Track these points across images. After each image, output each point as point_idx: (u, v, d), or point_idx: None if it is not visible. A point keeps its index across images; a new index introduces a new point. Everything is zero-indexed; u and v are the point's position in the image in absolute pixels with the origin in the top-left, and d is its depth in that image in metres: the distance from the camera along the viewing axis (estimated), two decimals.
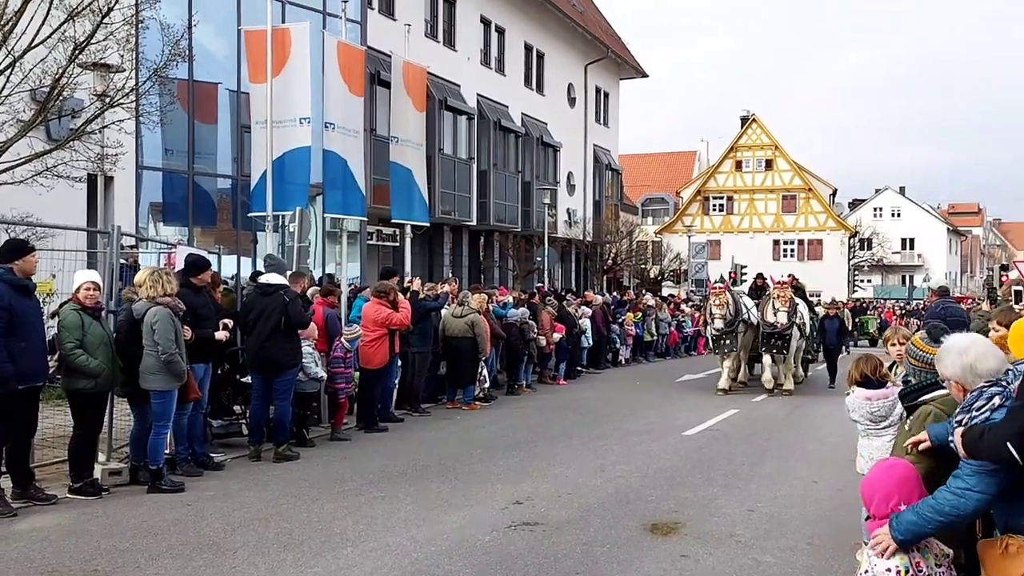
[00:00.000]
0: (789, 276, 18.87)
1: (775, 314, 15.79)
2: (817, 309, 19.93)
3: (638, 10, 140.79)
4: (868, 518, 4.28)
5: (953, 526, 3.04)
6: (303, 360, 9.67)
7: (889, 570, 3.20)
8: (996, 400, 3.00)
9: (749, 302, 16.94)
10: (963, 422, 3.10)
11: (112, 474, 7.86)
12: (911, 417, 3.92)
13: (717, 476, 8.81)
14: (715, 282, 17.53)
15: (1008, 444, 2.81)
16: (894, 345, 5.79)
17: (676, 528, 6.80)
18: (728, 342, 16.12)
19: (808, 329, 17.18)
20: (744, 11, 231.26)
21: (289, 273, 10.26)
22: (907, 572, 3.19)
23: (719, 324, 15.75)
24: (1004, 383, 3.04)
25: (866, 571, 3.30)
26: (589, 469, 9.02)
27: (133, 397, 8.02)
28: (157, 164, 18.50)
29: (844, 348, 22.33)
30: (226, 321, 8.99)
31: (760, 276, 19.63)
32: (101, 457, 7.99)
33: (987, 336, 6.58)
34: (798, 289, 18.18)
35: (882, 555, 3.20)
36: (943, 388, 3.81)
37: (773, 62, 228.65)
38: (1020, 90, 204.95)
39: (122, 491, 7.71)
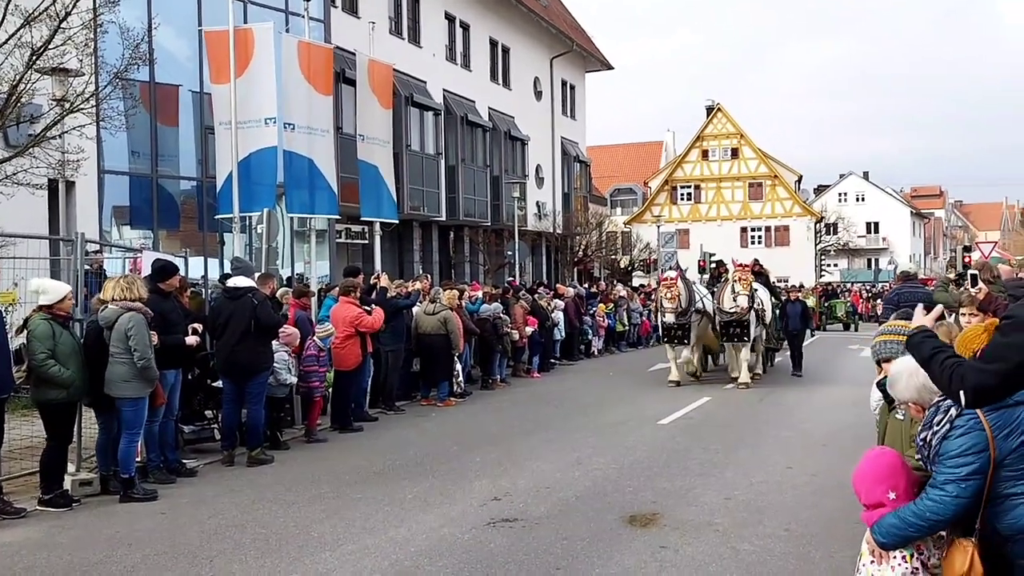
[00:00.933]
0: (753, 261, 18.30)
1: (735, 299, 15.01)
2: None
3: (603, 3, 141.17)
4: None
5: (934, 530, 3.15)
6: (275, 366, 9.58)
7: (895, 556, 3.26)
8: (952, 411, 3.10)
9: (703, 290, 16.33)
10: (926, 439, 3.20)
11: (82, 484, 7.73)
12: (902, 407, 3.92)
13: (693, 465, 8.87)
14: (666, 272, 16.42)
15: (961, 393, 2.92)
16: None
17: (654, 519, 6.83)
18: (680, 334, 15.55)
19: (768, 316, 16.62)
20: (706, 5, 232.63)
21: (257, 275, 10.16)
22: (912, 556, 3.25)
23: (670, 317, 15.04)
24: None
25: (872, 561, 3.35)
26: (566, 462, 9.04)
27: (98, 406, 7.89)
28: (119, 168, 18.21)
29: (809, 333, 21.69)
30: (195, 326, 8.89)
31: (720, 263, 18.86)
32: (71, 467, 7.86)
33: (954, 318, 6.67)
34: (761, 275, 17.68)
35: (875, 558, 3.28)
36: None
37: (736, 54, 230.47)
38: (974, 80, 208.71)
39: (93, 501, 7.59)
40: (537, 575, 5.62)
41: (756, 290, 15.83)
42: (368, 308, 11.46)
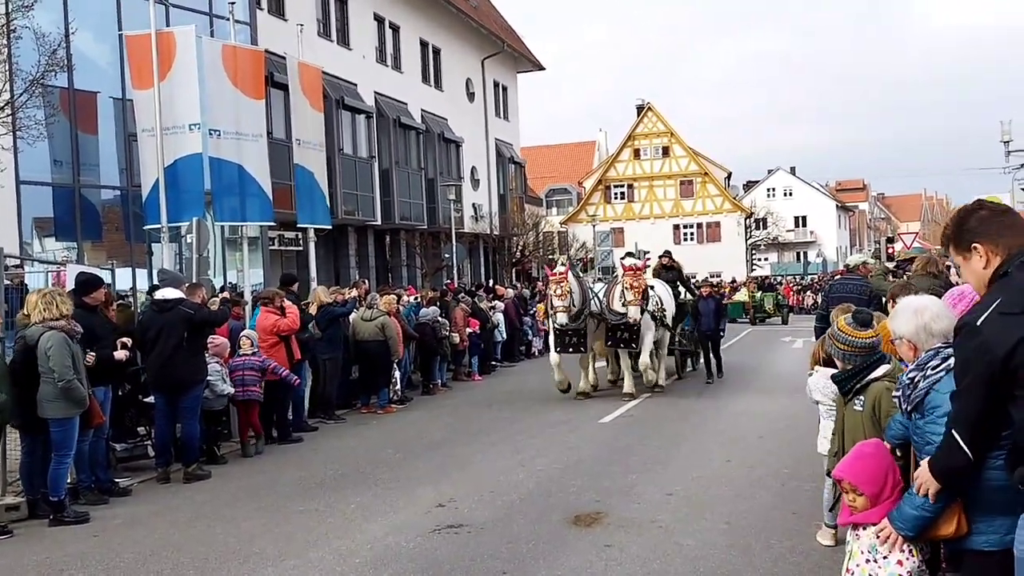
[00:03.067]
0: (664, 255, 16.50)
1: (624, 305, 13.07)
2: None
3: (532, 2, 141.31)
4: (836, 501, 4.30)
5: (948, 504, 3.03)
6: (209, 377, 9.35)
7: (903, 551, 3.20)
8: (952, 360, 3.05)
9: (599, 287, 14.36)
10: (914, 379, 3.15)
11: (9, 509, 7.43)
12: (860, 398, 3.97)
13: (635, 463, 8.95)
14: (555, 267, 13.41)
15: (954, 432, 2.85)
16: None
17: (599, 518, 6.87)
18: (575, 340, 13.53)
19: (669, 317, 14.50)
20: (636, 3, 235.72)
21: (186, 285, 9.90)
22: (920, 549, 3.21)
23: (562, 318, 12.87)
24: None
25: (868, 560, 3.29)
26: (510, 465, 9.03)
27: (25, 427, 7.59)
28: (40, 178, 17.59)
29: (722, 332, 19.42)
30: (124, 340, 8.62)
31: (667, 254, 16.74)
32: None
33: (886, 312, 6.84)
34: (672, 268, 16.04)
35: (885, 544, 3.21)
36: (885, 364, 3.90)
37: (664, 51, 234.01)
38: (889, 76, 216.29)
39: (21, 527, 7.29)
40: None
41: (652, 287, 14.06)
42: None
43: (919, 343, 3.33)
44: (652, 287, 13.94)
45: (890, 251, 36.54)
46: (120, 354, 8.37)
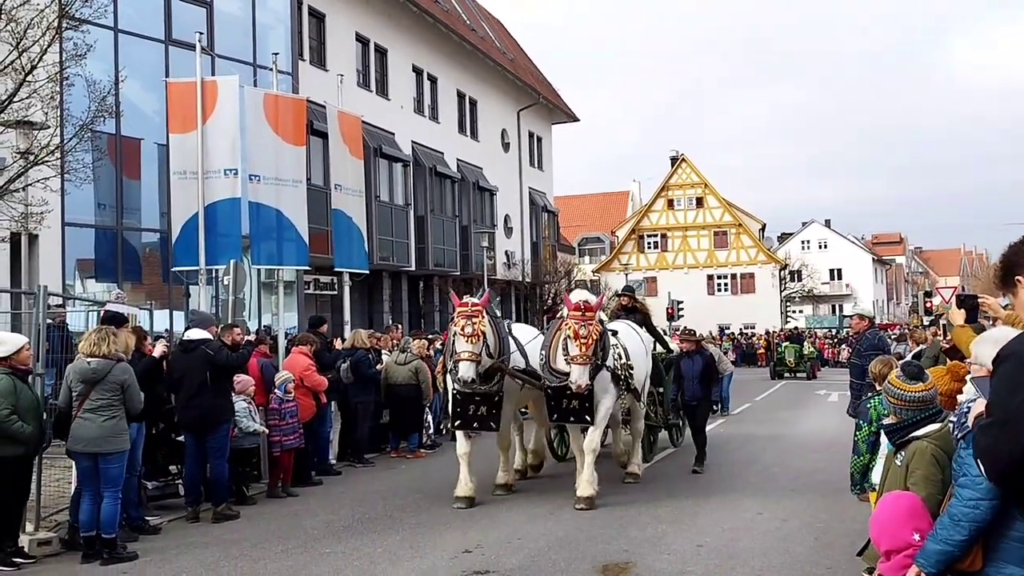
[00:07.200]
0: (624, 292, 12.80)
1: (568, 362, 8.77)
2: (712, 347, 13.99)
3: (567, 54, 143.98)
4: (865, 546, 4.26)
5: (976, 540, 2.93)
6: (236, 415, 9.42)
7: None
8: None
9: (528, 333, 10.70)
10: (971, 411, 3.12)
11: (41, 544, 7.51)
12: (902, 453, 3.92)
13: (664, 513, 8.83)
14: (465, 298, 9.54)
15: (979, 462, 2.81)
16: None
17: (627, 568, 6.78)
18: (483, 411, 9.24)
19: (640, 376, 10.43)
20: (666, 56, 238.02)
21: (221, 327, 10.05)
22: None
23: (467, 371, 8.57)
24: None
25: None
26: (538, 512, 8.96)
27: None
28: (84, 220, 18.08)
29: (721, 405, 16.43)
30: (163, 337, 8.81)
31: (629, 292, 12.99)
32: (29, 527, 7.64)
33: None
34: (636, 310, 12.03)
35: None
36: (935, 423, 3.86)
37: (697, 103, 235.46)
38: (926, 126, 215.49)
39: (52, 562, 7.36)
40: None
41: (615, 332, 10.16)
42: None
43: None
44: (614, 332, 10.09)
45: (928, 305, 36.05)
46: (159, 349, 8.77)
